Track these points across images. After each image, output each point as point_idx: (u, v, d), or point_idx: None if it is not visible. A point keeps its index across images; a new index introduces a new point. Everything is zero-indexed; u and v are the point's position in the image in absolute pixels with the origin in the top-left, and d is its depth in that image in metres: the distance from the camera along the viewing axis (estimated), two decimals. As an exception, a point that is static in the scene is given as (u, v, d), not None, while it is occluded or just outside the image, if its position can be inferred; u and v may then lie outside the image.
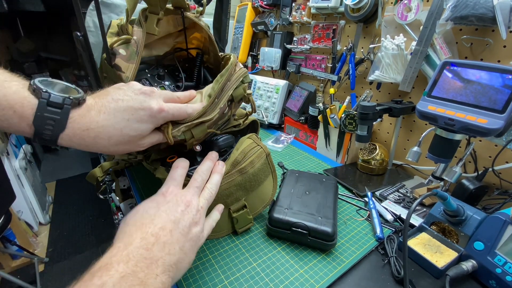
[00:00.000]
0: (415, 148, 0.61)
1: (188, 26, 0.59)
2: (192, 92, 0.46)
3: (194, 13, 0.58)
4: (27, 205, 1.68)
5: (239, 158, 0.53)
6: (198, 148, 0.49)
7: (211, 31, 0.63)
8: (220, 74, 0.48)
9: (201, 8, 0.57)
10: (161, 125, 0.40)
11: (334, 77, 0.92)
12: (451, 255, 0.49)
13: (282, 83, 1.09)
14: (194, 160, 0.50)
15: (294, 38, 1.08)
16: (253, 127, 0.66)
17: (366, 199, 0.67)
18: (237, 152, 0.53)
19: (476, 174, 0.64)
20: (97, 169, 0.68)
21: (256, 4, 1.18)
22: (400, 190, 0.71)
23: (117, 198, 0.97)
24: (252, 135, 0.58)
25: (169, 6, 0.52)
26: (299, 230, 0.51)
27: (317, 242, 0.51)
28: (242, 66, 0.52)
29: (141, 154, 0.58)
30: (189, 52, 0.64)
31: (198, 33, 0.62)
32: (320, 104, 0.92)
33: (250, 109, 0.59)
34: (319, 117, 0.89)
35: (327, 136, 0.89)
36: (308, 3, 0.94)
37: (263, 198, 0.58)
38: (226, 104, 0.48)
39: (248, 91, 0.53)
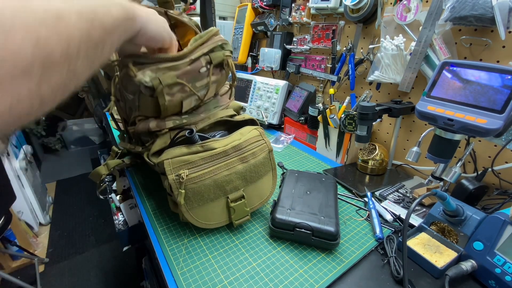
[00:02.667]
0: (415, 148, 0.61)
1: (178, 25, 0.61)
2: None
3: (179, 11, 0.60)
4: (27, 206, 1.68)
5: (243, 144, 0.54)
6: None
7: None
8: (199, 35, 0.51)
9: (183, 6, 0.62)
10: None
11: (334, 78, 0.92)
12: (451, 255, 0.49)
13: (282, 83, 1.09)
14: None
15: (294, 39, 1.08)
16: (253, 124, 0.66)
17: (366, 199, 0.67)
18: (242, 137, 0.54)
19: (475, 174, 0.65)
20: (103, 167, 0.68)
21: (256, 5, 1.18)
22: (399, 190, 0.71)
23: (117, 198, 0.97)
24: (259, 128, 0.59)
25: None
26: (303, 230, 0.51)
27: (321, 242, 0.51)
28: (223, 37, 0.54)
29: (139, 146, 0.59)
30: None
31: (191, 34, 0.63)
32: (320, 105, 0.92)
33: (231, 81, 0.62)
34: (319, 118, 0.89)
35: (327, 136, 0.90)
36: (307, 4, 0.94)
37: (261, 194, 0.58)
38: (202, 62, 0.50)
39: (227, 53, 0.55)
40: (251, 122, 0.63)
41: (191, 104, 0.55)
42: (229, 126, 0.65)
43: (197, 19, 1.14)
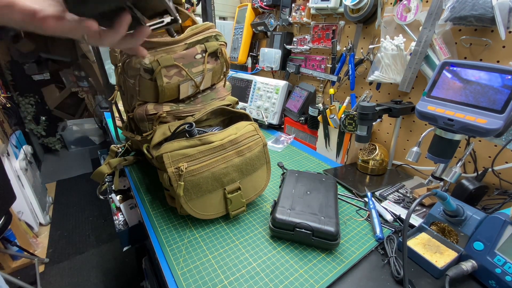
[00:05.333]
0: (415, 148, 0.61)
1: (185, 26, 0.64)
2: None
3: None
4: (28, 206, 1.68)
5: (239, 139, 0.56)
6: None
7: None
8: (195, 26, 0.57)
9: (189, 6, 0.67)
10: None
11: (334, 78, 0.92)
12: (451, 255, 0.49)
13: (282, 83, 1.09)
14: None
15: (294, 39, 1.08)
16: (247, 119, 0.68)
17: (366, 199, 0.67)
18: (238, 132, 0.57)
19: (475, 174, 0.64)
20: (105, 166, 0.69)
21: (256, 5, 1.18)
22: (399, 190, 0.71)
23: (117, 198, 0.97)
24: (254, 123, 0.61)
25: None
26: (303, 230, 0.51)
27: (321, 242, 0.51)
28: (218, 31, 0.61)
29: (138, 135, 0.61)
30: None
31: None
32: (320, 105, 0.92)
33: (225, 69, 0.66)
34: (319, 118, 0.89)
35: (327, 136, 0.89)
36: (307, 4, 0.94)
37: (256, 186, 0.60)
38: (197, 49, 0.56)
39: (221, 43, 0.60)
40: (246, 117, 0.65)
41: (188, 91, 0.58)
42: (226, 121, 0.67)
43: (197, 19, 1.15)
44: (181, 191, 0.50)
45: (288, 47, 1.09)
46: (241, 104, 1.21)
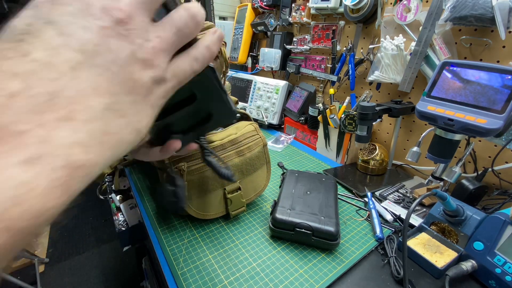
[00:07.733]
0: (415, 148, 0.61)
1: None
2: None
3: None
4: (27, 206, 1.68)
5: (239, 138, 0.56)
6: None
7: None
8: None
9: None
10: None
11: (334, 78, 0.92)
12: (451, 255, 0.49)
13: (282, 83, 1.09)
14: None
15: (294, 39, 1.08)
16: (247, 119, 0.67)
17: (366, 199, 0.67)
18: (238, 132, 0.57)
19: (475, 174, 0.65)
20: None
21: (256, 5, 1.18)
22: (399, 190, 0.71)
23: (117, 198, 0.97)
24: (254, 123, 0.61)
25: None
26: (303, 230, 0.51)
27: (321, 242, 0.51)
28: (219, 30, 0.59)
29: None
30: None
31: None
32: (320, 105, 0.92)
33: (225, 68, 0.65)
34: (319, 118, 0.89)
35: (327, 136, 0.90)
36: (307, 4, 0.95)
37: (256, 186, 0.61)
38: None
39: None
40: (246, 117, 0.65)
41: None
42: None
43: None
44: None
45: (288, 47, 1.09)
46: (241, 104, 1.21)
